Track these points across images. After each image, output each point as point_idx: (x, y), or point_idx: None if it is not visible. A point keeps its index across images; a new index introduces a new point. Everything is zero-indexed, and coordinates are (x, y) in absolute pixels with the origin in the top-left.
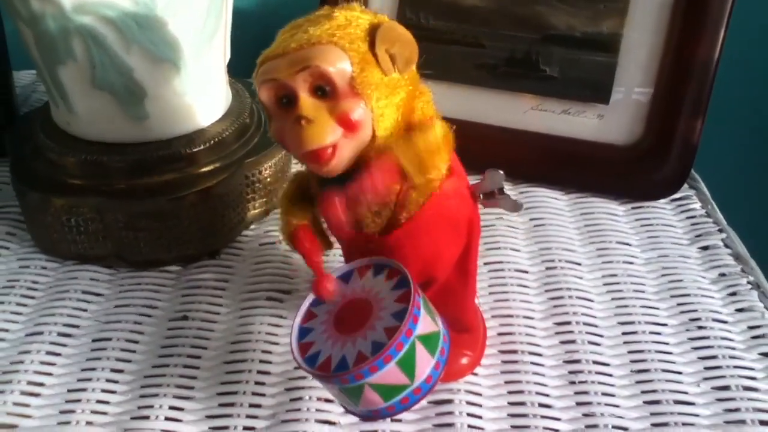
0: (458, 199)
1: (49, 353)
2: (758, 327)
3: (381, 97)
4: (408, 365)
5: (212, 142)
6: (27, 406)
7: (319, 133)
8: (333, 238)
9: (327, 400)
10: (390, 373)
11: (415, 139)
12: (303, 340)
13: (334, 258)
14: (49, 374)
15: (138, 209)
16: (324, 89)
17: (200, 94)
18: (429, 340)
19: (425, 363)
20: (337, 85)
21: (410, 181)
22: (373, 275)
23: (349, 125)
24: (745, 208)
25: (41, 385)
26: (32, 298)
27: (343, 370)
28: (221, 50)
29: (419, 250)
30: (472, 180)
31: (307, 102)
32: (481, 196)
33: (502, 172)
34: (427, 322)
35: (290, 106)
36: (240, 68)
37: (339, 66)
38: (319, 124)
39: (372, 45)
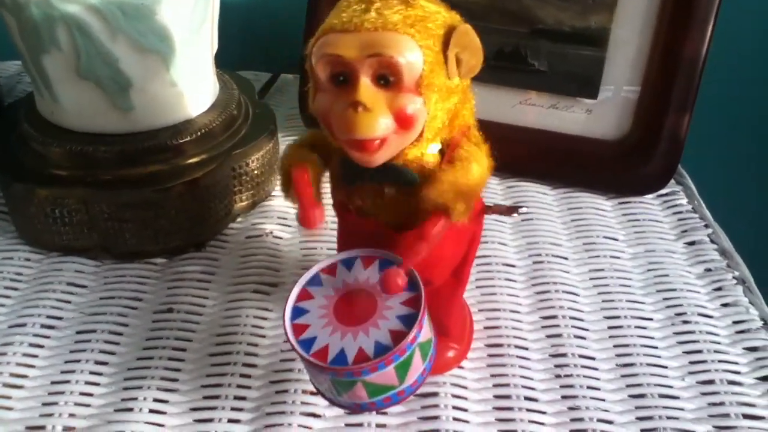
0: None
1: (32, 345)
2: (743, 322)
3: (439, 100)
4: (403, 370)
5: (199, 133)
6: (9, 398)
7: (372, 124)
8: (331, 215)
9: (312, 393)
10: (386, 374)
11: (466, 180)
12: (297, 320)
13: (326, 251)
14: (32, 366)
15: (124, 200)
16: (387, 79)
17: (187, 85)
18: (425, 348)
19: (416, 369)
20: (404, 79)
21: (455, 217)
22: (379, 269)
23: (404, 121)
24: (732, 204)
25: (24, 377)
26: (15, 289)
27: (341, 363)
28: (208, 41)
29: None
30: None
31: (367, 89)
32: (489, 212)
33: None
34: (426, 329)
35: (345, 86)
36: (227, 60)
37: (412, 61)
38: (375, 114)
39: (446, 46)
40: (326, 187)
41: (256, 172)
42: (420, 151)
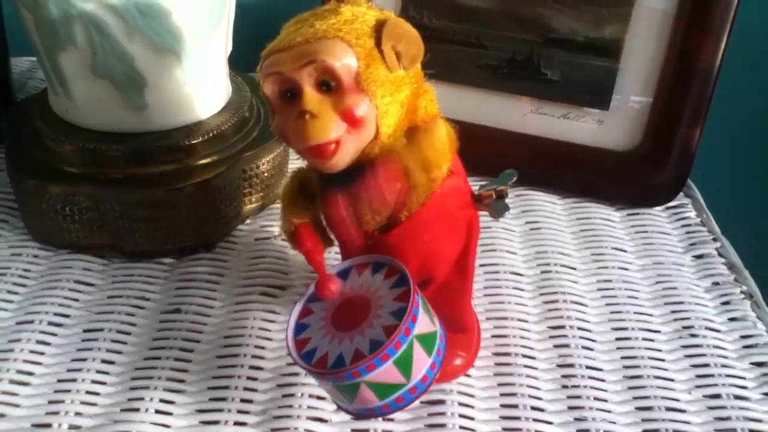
0: (458, 198)
1: (39, 342)
2: (750, 336)
3: (386, 94)
4: (405, 364)
5: (211, 134)
6: (15, 395)
7: (322, 128)
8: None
9: (319, 398)
10: (387, 371)
11: (419, 140)
12: (299, 336)
13: (330, 255)
14: (39, 363)
15: (135, 199)
16: (329, 84)
17: (201, 85)
18: (426, 340)
19: (422, 363)
20: (342, 80)
21: (412, 180)
22: (371, 273)
23: (353, 121)
24: (740, 218)
25: (30, 374)
26: (23, 286)
27: (340, 367)
28: (223, 42)
29: (419, 249)
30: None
31: (311, 96)
32: (481, 200)
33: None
34: (425, 321)
35: (294, 100)
36: (240, 62)
37: (345, 61)
38: (323, 118)
39: (378, 41)
40: None
41: (266, 174)
42: (384, 149)
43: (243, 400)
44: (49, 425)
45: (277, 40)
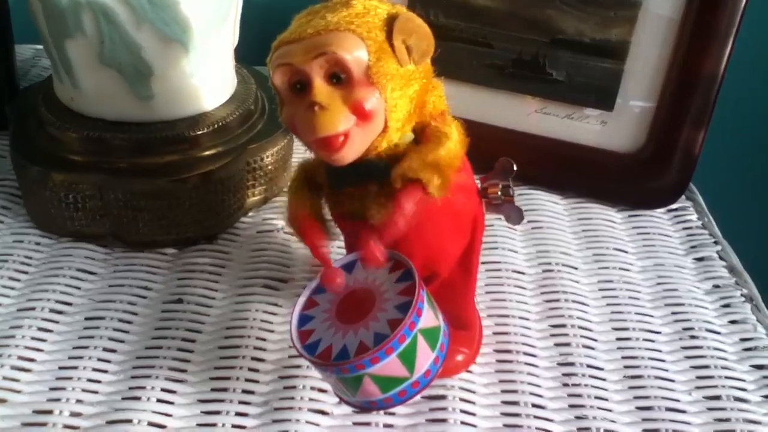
0: (465, 194)
1: (40, 329)
2: (750, 339)
3: (395, 88)
4: (409, 358)
5: (216, 126)
6: (17, 381)
7: (331, 120)
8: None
9: (320, 390)
10: (390, 365)
11: (435, 153)
12: (303, 328)
13: (333, 250)
14: (41, 350)
15: (138, 189)
16: (339, 76)
17: (207, 77)
18: (430, 334)
19: (425, 357)
20: (352, 73)
21: (431, 189)
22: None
23: (362, 114)
24: (741, 222)
25: (32, 360)
26: (25, 273)
27: (344, 359)
28: (230, 34)
29: (424, 244)
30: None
31: (321, 88)
32: (487, 195)
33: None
34: (429, 316)
35: (303, 92)
36: (246, 54)
37: (356, 54)
38: (332, 111)
39: (389, 35)
40: None
41: (270, 167)
42: (392, 143)
43: (244, 391)
44: (50, 412)
45: (287, 32)
